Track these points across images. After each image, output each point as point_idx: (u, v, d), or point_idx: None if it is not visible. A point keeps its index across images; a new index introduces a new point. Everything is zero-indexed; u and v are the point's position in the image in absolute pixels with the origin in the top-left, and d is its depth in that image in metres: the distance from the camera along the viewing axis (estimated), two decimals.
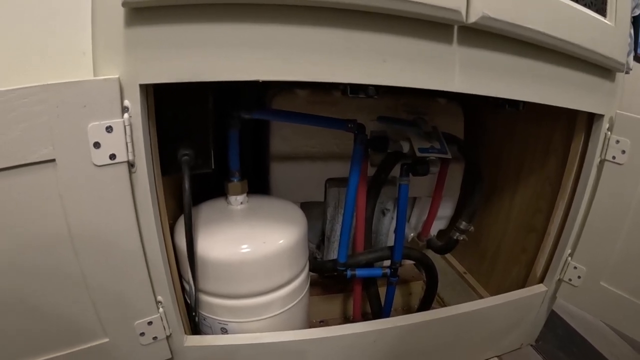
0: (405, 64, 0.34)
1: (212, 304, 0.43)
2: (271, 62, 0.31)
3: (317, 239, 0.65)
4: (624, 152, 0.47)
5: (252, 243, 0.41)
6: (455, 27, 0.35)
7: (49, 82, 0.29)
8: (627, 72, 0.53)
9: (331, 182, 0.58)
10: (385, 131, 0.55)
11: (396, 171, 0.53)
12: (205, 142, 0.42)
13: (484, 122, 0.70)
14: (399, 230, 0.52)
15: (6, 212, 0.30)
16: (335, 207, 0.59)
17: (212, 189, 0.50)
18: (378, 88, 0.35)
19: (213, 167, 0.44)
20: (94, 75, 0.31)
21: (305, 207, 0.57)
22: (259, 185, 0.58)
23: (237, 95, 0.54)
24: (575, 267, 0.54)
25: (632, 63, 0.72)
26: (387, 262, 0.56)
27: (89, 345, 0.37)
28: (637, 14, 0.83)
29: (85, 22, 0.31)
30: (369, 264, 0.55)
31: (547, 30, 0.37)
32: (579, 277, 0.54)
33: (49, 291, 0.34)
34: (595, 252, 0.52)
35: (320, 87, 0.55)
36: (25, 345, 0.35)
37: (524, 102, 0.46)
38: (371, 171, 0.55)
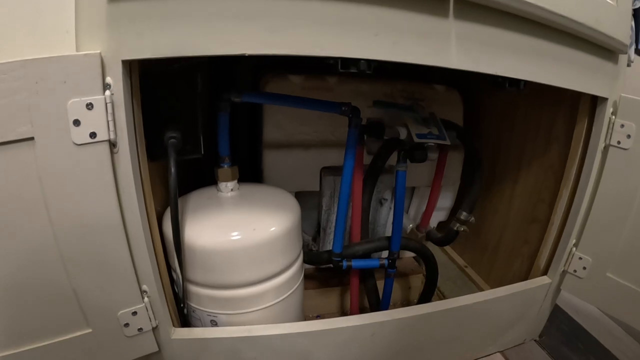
0: (398, 38, 0.32)
1: (201, 295, 0.41)
2: (258, 36, 0.30)
3: (312, 230, 0.63)
4: (629, 136, 0.46)
5: (242, 230, 0.39)
6: (451, 0, 0.33)
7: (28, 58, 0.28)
8: (628, 65, 0.51)
9: (326, 170, 0.56)
10: (382, 117, 0.53)
11: (393, 160, 0.52)
12: (194, 126, 0.41)
13: (484, 110, 0.69)
14: (397, 219, 0.50)
15: None
16: (330, 196, 0.57)
17: (207, 181, 0.49)
18: (370, 64, 0.34)
19: (203, 152, 0.42)
20: (76, 52, 0.30)
21: (300, 196, 0.56)
22: (253, 175, 0.57)
23: (231, 81, 0.53)
24: (580, 258, 0.52)
25: (633, 56, 0.70)
26: (385, 254, 0.54)
27: (70, 336, 0.35)
28: (637, 6, 0.82)
29: (69, 1, 0.30)
30: (366, 255, 0.53)
31: (547, 5, 0.35)
32: (584, 268, 0.52)
33: (26, 278, 0.32)
34: (601, 242, 0.50)
35: (314, 72, 0.54)
36: (2, 335, 0.33)
37: (525, 82, 0.44)
38: (368, 160, 0.53)
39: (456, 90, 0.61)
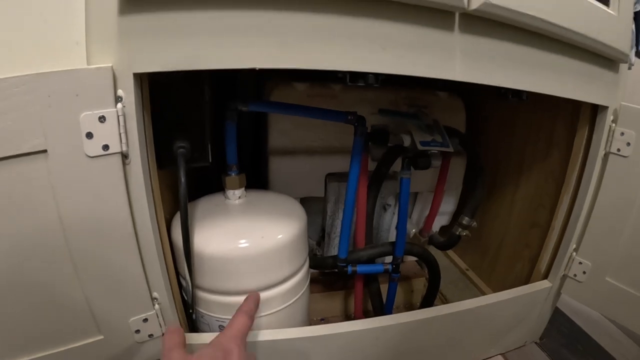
0: (405, 52, 0.33)
1: (210, 301, 0.42)
2: (268, 49, 0.30)
3: (317, 236, 0.64)
4: (629, 144, 0.47)
5: (250, 238, 0.40)
6: (457, 14, 0.34)
7: (41, 71, 0.28)
8: (629, 68, 0.52)
9: (331, 177, 0.57)
10: (386, 125, 0.54)
11: (397, 166, 0.52)
12: (202, 135, 0.42)
13: (486, 117, 0.69)
14: (401, 225, 0.51)
15: None
16: (335, 202, 0.58)
17: (211, 186, 0.49)
18: (378, 77, 0.35)
19: (210, 160, 0.43)
20: (87, 65, 0.30)
21: (304, 202, 0.56)
22: (258, 182, 0.57)
23: (234, 87, 0.53)
24: (580, 263, 0.53)
25: (633, 59, 0.71)
26: (389, 259, 0.55)
27: (82, 343, 0.36)
28: (638, 9, 0.82)
29: (78, 12, 0.30)
30: (370, 260, 0.54)
31: (550, 18, 0.36)
32: (584, 272, 0.53)
33: (39, 287, 0.33)
34: (600, 247, 0.51)
35: (319, 80, 0.54)
36: (14, 343, 0.34)
37: (527, 93, 0.45)
38: (372, 166, 0.54)
39: (459, 97, 0.62)
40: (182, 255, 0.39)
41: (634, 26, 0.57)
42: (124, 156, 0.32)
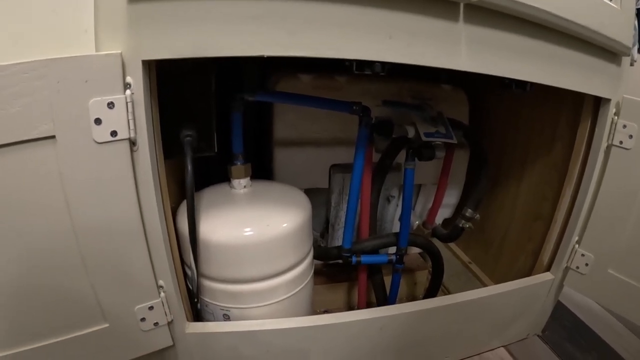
0: (411, 41, 0.33)
1: (214, 289, 0.42)
2: (276, 37, 0.31)
3: (320, 227, 0.64)
4: (631, 136, 0.47)
5: (255, 226, 0.40)
6: (462, 5, 0.34)
7: (50, 57, 0.28)
8: (631, 64, 0.52)
9: (335, 168, 0.57)
10: (390, 116, 0.54)
11: (400, 158, 0.53)
12: (208, 124, 0.42)
13: (489, 110, 0.70)
14: (405, 215, 0.51)
15: (4, 190, 0.29)
16: (339, 193, 0.58)
17: (213, 176, 0.49)
18: (384, 66, 0.35)
19: (216, 150, 0.43)
20: (96, 52, 0.31)
21: (309, 194, 0.56)
22: (262, 173, 0.58)
23: (240, 77, 0.54)
24: (582, 255, 0.53)
25: (636, 55, 0.71)
26: (393, 250, 0.55)
27: (87, 331, 0.36)
28: None
29: (86, 0, 0.30)
30: (375, 251, 0.55)
31: (554, 10, 0.36)
32: (586, 264, 0.53)
33: (45, 274, 0.33)
34: (602, 239, 0.51)
35: (324, 71, 0.54)
36: (20, 331, 0.34)
37: (531, 83, 0.46)
38: (376, 157, 0.54)
39: (462, 90, 0.62)
40: (188, 244, 0.40)
41: (636, 22, 0.57)
42: (132, 143, 0.32)
